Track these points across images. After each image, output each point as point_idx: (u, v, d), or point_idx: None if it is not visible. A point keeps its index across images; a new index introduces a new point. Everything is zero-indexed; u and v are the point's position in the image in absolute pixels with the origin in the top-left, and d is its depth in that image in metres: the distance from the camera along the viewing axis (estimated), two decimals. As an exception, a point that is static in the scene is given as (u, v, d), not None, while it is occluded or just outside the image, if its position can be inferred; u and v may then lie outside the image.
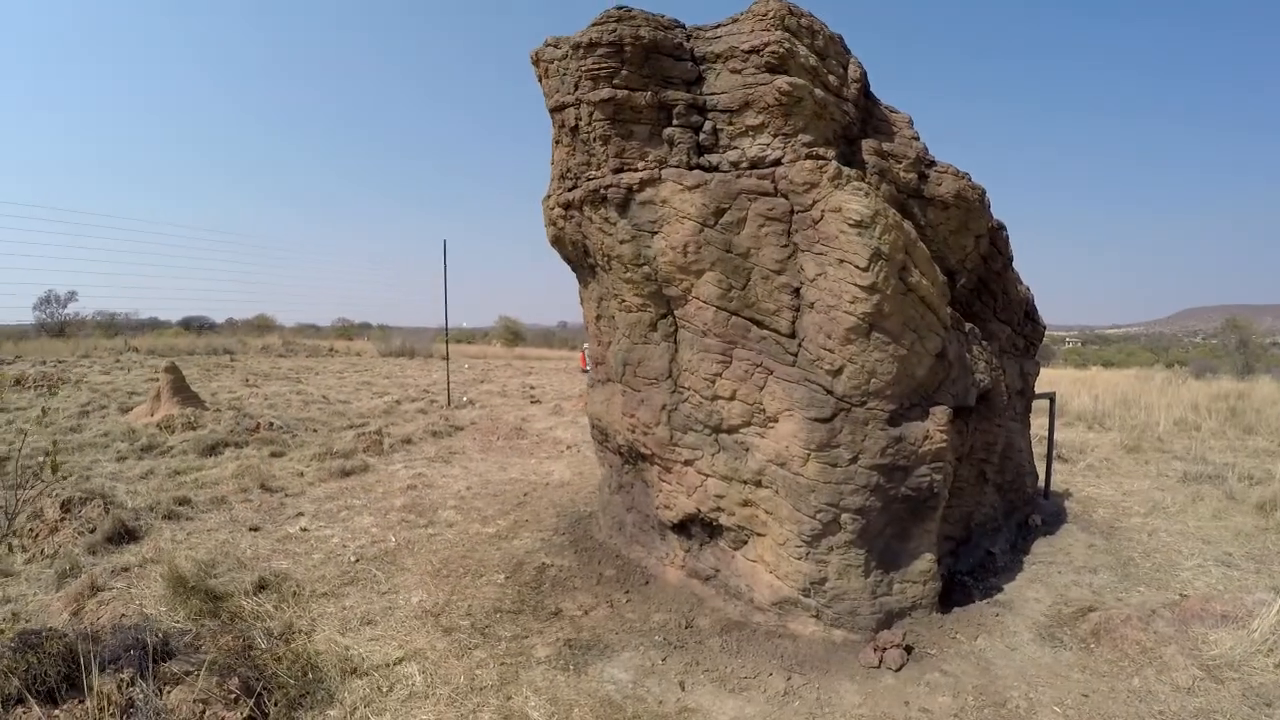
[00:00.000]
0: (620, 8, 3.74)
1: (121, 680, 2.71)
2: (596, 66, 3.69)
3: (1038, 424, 7.88)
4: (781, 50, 3.51)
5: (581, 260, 4.65)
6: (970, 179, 4.37)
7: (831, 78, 3.86)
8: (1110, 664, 3.54)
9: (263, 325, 25.12)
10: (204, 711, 2.69)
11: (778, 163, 3.59)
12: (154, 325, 23.43)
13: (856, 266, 3.28)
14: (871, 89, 4.29)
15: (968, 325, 4.46)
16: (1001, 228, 4.88)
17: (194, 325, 24.72)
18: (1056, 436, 8.99)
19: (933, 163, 4.31)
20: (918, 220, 4.27)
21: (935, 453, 3.69)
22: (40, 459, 3.30)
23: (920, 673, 3.47)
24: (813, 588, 3.69)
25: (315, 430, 8.19)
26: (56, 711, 2.49)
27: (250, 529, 4.98)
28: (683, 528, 4.37)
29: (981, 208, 4.43)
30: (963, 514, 4.97)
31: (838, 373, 3.44)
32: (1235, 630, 3.63)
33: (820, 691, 3.29)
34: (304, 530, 5.05)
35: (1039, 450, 6.93)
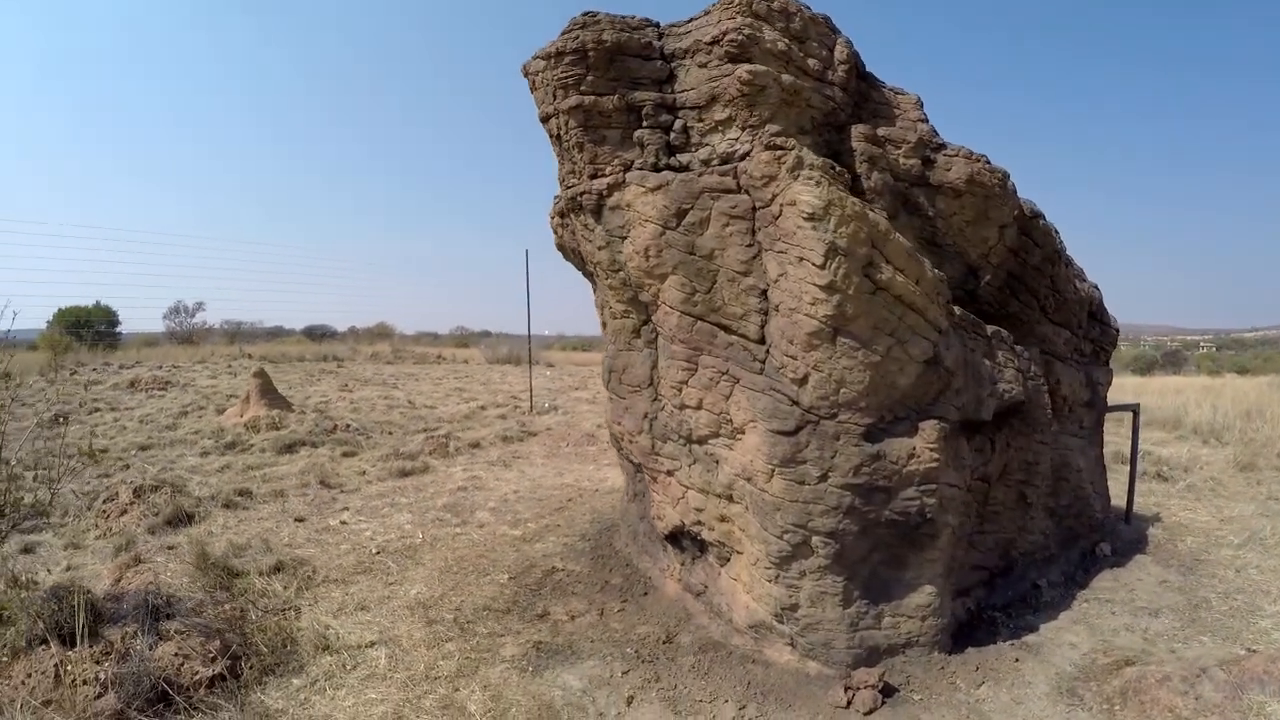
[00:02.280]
0: (586, 13, 3.85)
1: (126, 633, 3.24)
2: (565, 74, 3.82)
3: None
4: (741, 37, 3.43)
5: (582, 268, 4.80)
6: (987, 161, 3.94)
7: (811, 61, 3.70)
8: (1133, 734, 2.99)
9: (382, 333, 27.82)
10: (182, 664, 3.14)
11: (745, 157, 3.51)
12: (278, 333, 26.95)
13: (813, 264, 3.09)
14: (868, 69, 4.04)
15: (990, 328, 4.00)
16: (1035, 216, 4.32)
17: (316, 333, 28.05)
18: (1164, 452, 7.83)
19: (941, 146, 3.94)
20: (924, 211, 3.93)
21: (925, 473, 3.34)
22: (86, 449, 4.03)
23: (893, 719, 3.15)
24: (784, 613, 3.48)
25: (390, 433, 9.04)
26: (70, 652, 3.03)
27: (296, 519, 5.63)
28: (675, 539, 4.32)
29: (1003, 194, 3.97)
30: (999, 541, 4.44)
31: (803, 381, 3.25)
32: (1299, 701, 2.99)
33: None
34: (343, 523, 5.63)
35: (1120, 469, 6.09)
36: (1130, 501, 5.85)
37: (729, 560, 3.90)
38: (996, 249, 4.13)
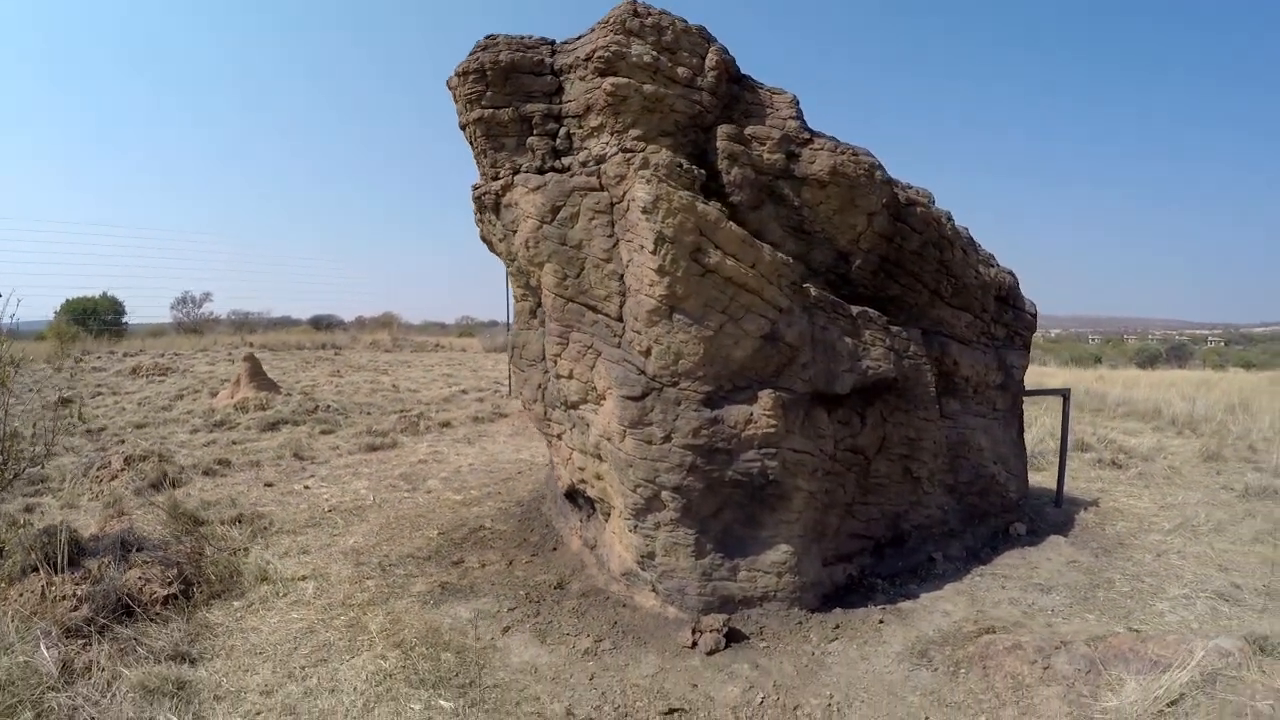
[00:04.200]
0: (488, 36, 4.73)
1: (102, 562, 4.35)
2: (470, 91, 4.71)
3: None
4: (608, 54, 4.23)
5: (499, 256, 5.73)
6: (855, 153, 4.62)
7: (680, 69, 4.45)
8: (967, 694, 3.45)
9: (387, 323, 29.87)
10: (144, 586, 4.22)
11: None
12: (285, 323, 29.31)
13: (649, 251, 3.91)
14: (743, 72, 4.78)
15: (857, 308, 4.68)
16: (912, 204, 4.96)
17: (322, 323, 30.42)
18: (1132, 441, 8.40)
19: (808, 140, 4.64)
20: (790, 201, 4.65)
21: (763, 438, 4.08)
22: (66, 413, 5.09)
23: (731, 661, 3.75)
24: (644, 561, 4.31)
25: (369, 414, 10.27)
26: (57, 577, 4.15)
27: (265, 484, 6.77)
28: (572, 498, 5.22)
29: (870, 183, 4.64)
30: (886, 513, 5.07)
31: (647, 353, 4.04)
32: (1153, 680, 3.20)
33: (619, 658, 3.82)
34: (306, 488, 6.74)
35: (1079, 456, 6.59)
36: (1060, 484, 6.39)
37: (610, 515, 4.77)
38: (866, 235, 4.81)
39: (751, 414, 4.12)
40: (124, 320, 25.93)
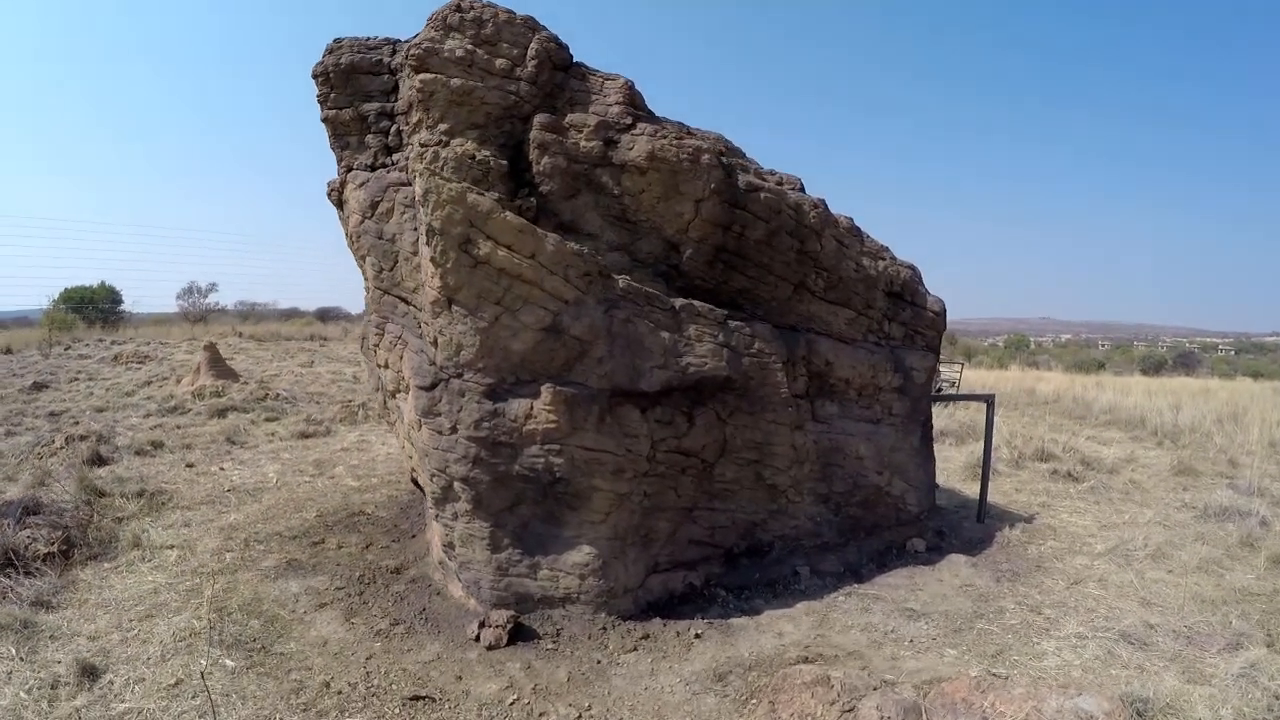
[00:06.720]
0: (335, 40, 5.92)
1: (4, 523, 5.99)
2: (320, 93, 5.88)
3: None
4: (420, 51, 5.24)
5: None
6: (679, 137, 5.30)
7: (499, 61, 5.37)
8: (746, 727, 3.68)
9: None
10: (30, 544, 5.80)
11: (425, 155, 5.41)
12: (292, 314, 33.03)
13: (426, 243, 4.96)
14: (574, 60, 5.63)
15: (680, 301, 5.41)
16: (754, 190, 5.57)
17: (329, 315, 33.99)
18: (1105, 452, 8.56)
19: (629, 126, 5.44)
20: (610, 189, 5.50)
21: (545, 433, 4.85)
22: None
23: (507, 658, 4.53)
24: (448, 550, 5.31)
25: (318, 403, 12.00)
26: (-39, 532, 5.80)
27: (187, 465, 8.45)
28: (417, 485, 6.40)
29: (694, 168, 5.32)
30: (739, 521, 5.72)
31: (435, 344, 5.03)
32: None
33: (406, 643, 4.76)
34: (221, 469, 8.35)
35: (957, 460, 6.88)
36: (983, 497, 6.71)
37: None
38: (696, 223, 5.51)
39: (532, 408, 5.00)
40: (121, 309, 30.15)
